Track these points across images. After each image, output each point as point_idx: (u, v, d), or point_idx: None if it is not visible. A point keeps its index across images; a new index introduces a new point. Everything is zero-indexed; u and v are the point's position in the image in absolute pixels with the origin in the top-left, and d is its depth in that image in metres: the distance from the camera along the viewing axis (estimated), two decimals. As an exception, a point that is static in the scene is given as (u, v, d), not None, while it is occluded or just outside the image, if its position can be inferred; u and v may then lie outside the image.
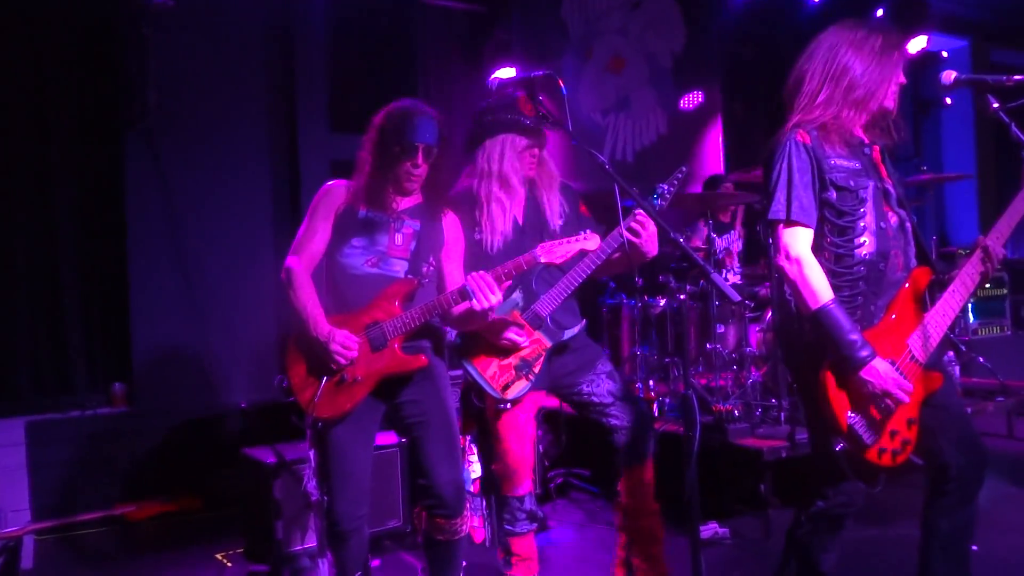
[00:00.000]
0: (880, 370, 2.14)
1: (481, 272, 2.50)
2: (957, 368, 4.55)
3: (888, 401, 2.15)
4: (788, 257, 2.20)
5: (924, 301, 2.33)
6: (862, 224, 2.25)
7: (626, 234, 2.73)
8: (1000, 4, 7.82)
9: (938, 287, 2.36)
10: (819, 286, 2.17)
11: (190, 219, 4.73)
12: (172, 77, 4.63)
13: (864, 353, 2.13)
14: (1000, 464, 4.78)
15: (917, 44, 6.86)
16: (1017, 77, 2.11)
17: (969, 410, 4.47)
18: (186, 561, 3.75)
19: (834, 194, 2.24)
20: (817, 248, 2.23)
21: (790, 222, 2.21)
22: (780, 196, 2.22)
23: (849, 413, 2.18)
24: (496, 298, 2.48)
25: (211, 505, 4.43)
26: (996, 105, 2.15)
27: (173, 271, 4.68)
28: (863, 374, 2.13)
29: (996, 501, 4.17)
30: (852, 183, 2.25)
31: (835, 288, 2.20)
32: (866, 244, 2.26)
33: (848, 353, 2.13)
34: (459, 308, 2.57)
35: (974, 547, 3.41)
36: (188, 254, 4.72)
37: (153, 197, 4.64)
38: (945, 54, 8.04)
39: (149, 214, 4.63)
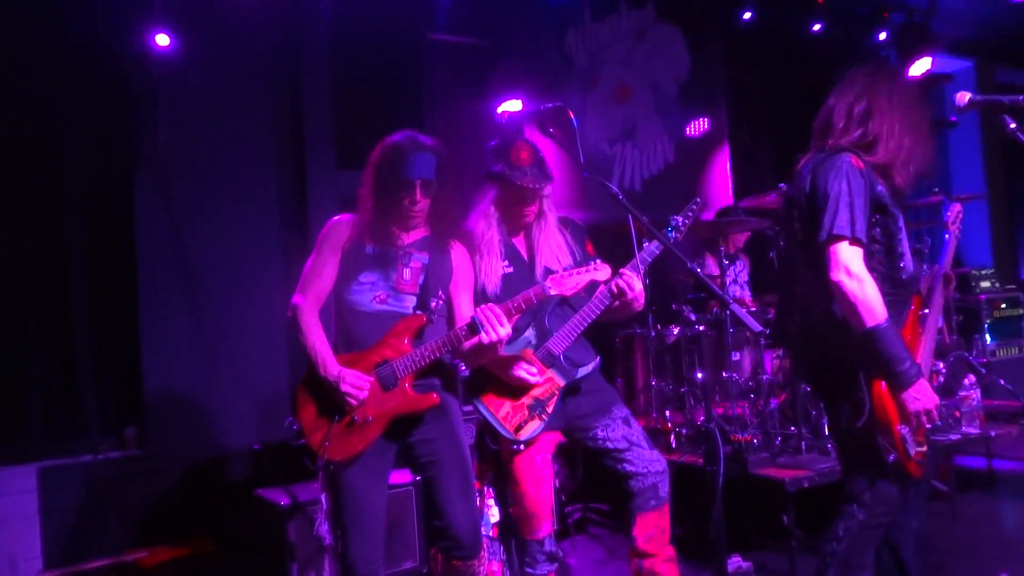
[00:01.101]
0: (927, 387, 2.26)
1: (491, 304, 2.47)
2: (978, 391, 4.46)
3: (925, 417, 2.25)
4: (850, 274, 2.25)
5: (922, 323, 2.50)
6: (901, 249, 2.39)
7: (613, 289, 2.71)
8: (1004, 25, 7.82)
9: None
10: (877, 304, 2.24)
11: (200, 258, 4.73)
12: (181, 116, 4.66)
13: (915, 370, 2.24)
14: (1025, 489, 4.68)
15: (922, 66, 6.85)
16: (1033, 97, 2.07)
17: (993, 433, 4.39)
18: (200, 607, 3.69)
19: (882, 218, 2.36)
20: (868, 269, 2.31)
21: (854, 239, 2.27)
22: (844, 213, 2.27)
23: (899, 426, 2.28)
24: (505, 331, 2.44)
25: (225, 549, 4.36)
26: (1013, 125, 2.11)
27: (184, 312, 4.66)
28: (913, 391, 2.23)
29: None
30: (893, 210, 2.39)
31: None
32: (905, 267, 2.40)
33: (901, 369, 2.23)
34: (469, 343, 2.53)
35: (1004, 574, 3.33)
36: (199, 294, 4.71)
37: (163, 236, 4.63)
38: (951, 75, 8.03)
39: (159, 254, 4.62)
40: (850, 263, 2.25)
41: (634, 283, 2.71)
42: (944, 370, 4.61)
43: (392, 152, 2.57)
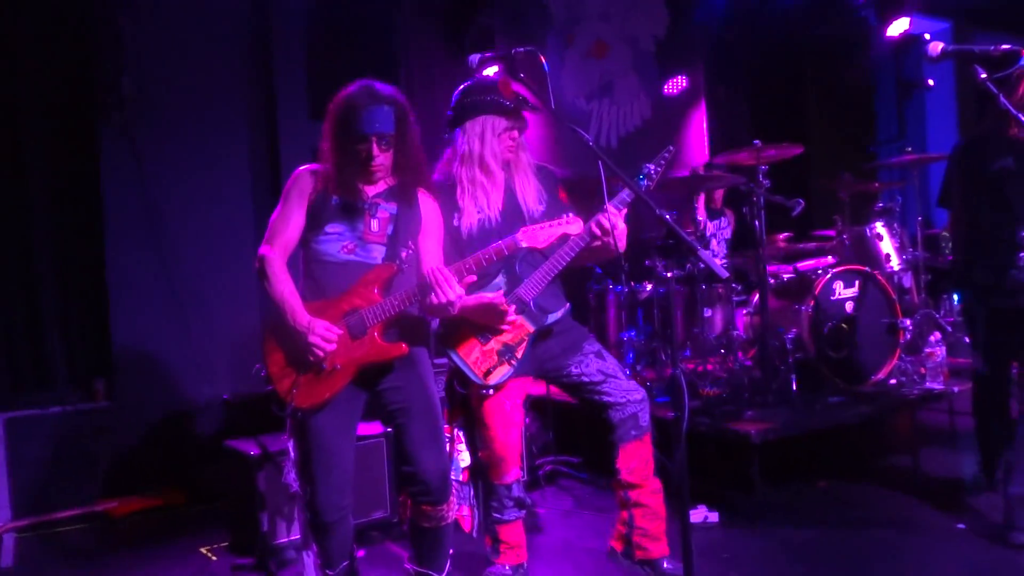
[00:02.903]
0: None
1: (440, 265, 2.46)
2: (943, 348, 4.54)
3: None
4: None
5: None
6: None
7: (595, 229, 2.70)
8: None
9: None
10: None
11: (169, 210, 4.65)
12: (148, 67, 4.55)
13: None
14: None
15: (900, 26, 6.84)
16: (1004, 47, 2.08)
17: (956, 389, 4.47)
18: (170, 556, 3.69)
19: None
20: None
21: None
22: None
23: None
24: (455, 293, 2.43)
25: (195, 499, 4.37)
26: (983, 75, 2.12)
27: (152, 263, 4.60)
28: None
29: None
30: None
31: None
32: None
33: None
34: (427, 301, 2.52)
35: (961, 525, 3.43)
36: (167, 245, 4.64)
37: (130, 189, 4.55)
38: (928, 36, 8.02)
39: (127, 206, 4.54)
40: None
41: (619, 221, 2.71)
42: (911, 327, 4.69)
43: (345, 106, 2.51)
